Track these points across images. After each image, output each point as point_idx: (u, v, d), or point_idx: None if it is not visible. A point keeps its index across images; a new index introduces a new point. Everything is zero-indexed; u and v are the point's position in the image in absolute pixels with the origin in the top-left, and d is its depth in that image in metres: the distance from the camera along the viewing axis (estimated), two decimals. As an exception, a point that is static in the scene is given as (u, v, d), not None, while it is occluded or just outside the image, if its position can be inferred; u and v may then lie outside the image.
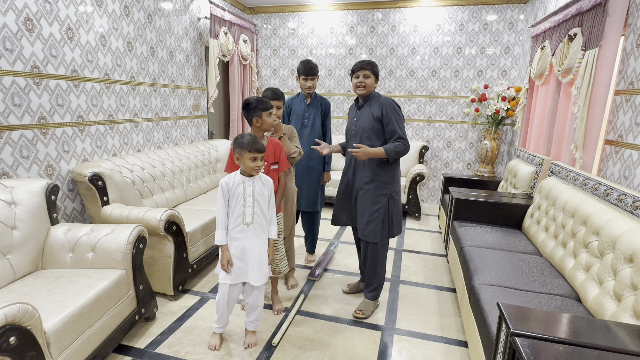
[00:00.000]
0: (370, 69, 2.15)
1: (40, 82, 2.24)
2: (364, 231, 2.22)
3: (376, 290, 2.33)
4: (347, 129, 2.34)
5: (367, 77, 2.16)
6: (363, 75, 2.16)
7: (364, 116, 2.19)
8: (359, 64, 2.16)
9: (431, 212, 4.63)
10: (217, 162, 3.92)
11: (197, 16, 3.87)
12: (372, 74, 2.16)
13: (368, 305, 2.32)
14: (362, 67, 2.15)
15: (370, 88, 2.18)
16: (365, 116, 2.19)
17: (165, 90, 3.43)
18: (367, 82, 2.16)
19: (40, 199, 1.99)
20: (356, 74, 2.18)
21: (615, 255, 1.61)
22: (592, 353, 1.08)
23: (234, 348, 1.99)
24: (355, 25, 4.76)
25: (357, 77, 2.17)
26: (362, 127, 2.19)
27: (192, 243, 2.59)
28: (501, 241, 2.46)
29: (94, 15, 2.58)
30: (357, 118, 2.24)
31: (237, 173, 1.86)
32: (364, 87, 2.17)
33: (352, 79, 2.21)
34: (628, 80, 2.19)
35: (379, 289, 2.34)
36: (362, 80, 2.16)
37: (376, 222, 2.19)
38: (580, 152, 2.49)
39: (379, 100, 2.17)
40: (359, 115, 2.24)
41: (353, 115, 2.31)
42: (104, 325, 1.77)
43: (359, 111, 2.24)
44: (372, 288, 2.32)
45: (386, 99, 2.18)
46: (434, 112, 4.75)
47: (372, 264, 2.27)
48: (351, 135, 2.28)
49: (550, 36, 3.15)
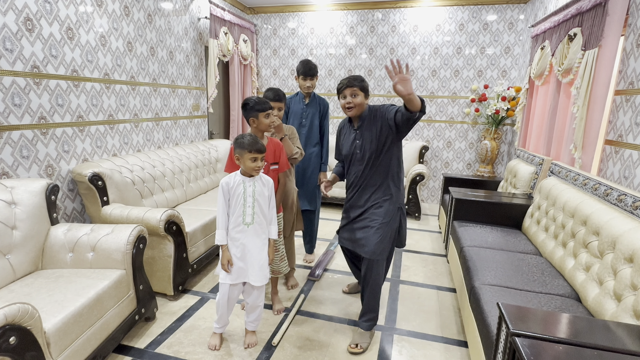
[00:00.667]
0: (359, 86, 1.89)
1: (40, 82, 2.24)
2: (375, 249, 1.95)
3: (373, 320, 2.08)
4: (348, 154, 2.04)
5: (355, 95, 1.89)
6: (350, 94, 1.89)
7: (367, 137, 1.93)
8: (344, 82, 1.90)
9: (431, 212, 4.63)
10: (217, 162, 3.92)
11: (197, 16, 3.87)
12: (360, 91, 1.89)
13: (364, 337, 2.04)
14: (349, 85, 1.88)
15: (361, 107, 1.92)
16: (368, 137, 1.93)
17: (165, 90, 3.43)
18: (356, 101, 1.89)
19: (40, 199, 1.98)
20: (342, 94, 1.91)
21: (615, 255, 1.61)
22: (592, 353, 1.08)
23: (234, 348, 1.99)
24: (355, 25, 4.76)
25: (344, 96, 1.91)
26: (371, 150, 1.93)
27: (192, 243, 2.59)
28: (501, 241, 2.46)
29: (94, 15, 2.58)
30: (361, 139, 1.96)
31: (238, 173, 1.86)
32: (353, 107, 1.90)
33: (340, 99, 1.94)
34: (628, 80, 2.19)
35: (375, 319, 2.09)
36: (350, 101, 1.89)
37: (388, 239, 1.99)
38: (579, 152, 2.49)
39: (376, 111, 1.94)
40: (361, 136, 1.97)
41: (351, 136, 2.02)
42: (104, 325, 1.77)
43: (359, 131, 1.98)
44: (369, 317, 2.06)
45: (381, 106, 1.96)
46: (434, 112, 4.75)
47: (374, 285, 2.03)
48: (356, 159, 2.01)
49: (550, 36, 3.15)
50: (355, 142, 2.00)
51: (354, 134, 2.01)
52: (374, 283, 2.02)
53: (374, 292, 2.04)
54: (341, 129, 2.14)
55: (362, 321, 2.09)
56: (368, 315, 2.07)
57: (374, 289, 2.03)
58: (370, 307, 2.06)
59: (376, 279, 2.02)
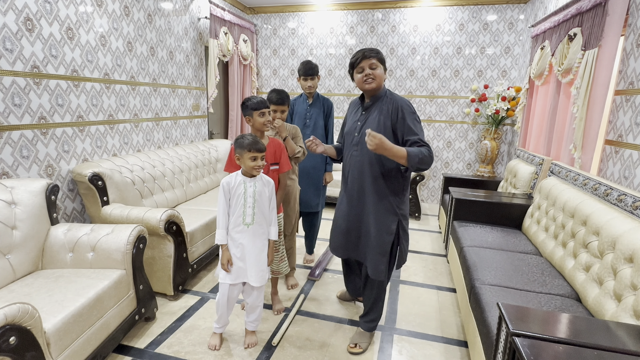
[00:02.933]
0: (376, 57, 1.71)
1: (40, 82, 2.24)
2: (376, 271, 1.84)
3: (374, 322, 2.03)
4: (347, 133, 1.90)
5: (373, 67, 1.71)
6: (369, 66, 1.71)
7: (373, 122, 1.76)
8: (359, 54, 1.72)
9: (431, 212, 4.63)
10: (217, 162, 3.92)
11: (197, 16, 3.87)
12: (379, 62, 1.72)
13: (364, 337, 2.00)
14: (366, 56, 1.70)
15: (381, 80, 1.73)
16: (373, 122, 1.75)
17: (165, 90, 3.43)
18: (377, 72, 1.71)
19: (40, 199, 1.98)
20: (359, 66, 1.73)
21: (615, 255, 1.61)
22: (592, 353, 1.08)
23: (234, 348, 1.99)
24: (355, 25, 4.76)
25: (361, 69, 1.73)
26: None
27: (192, 243, 2.59)
28: (501, 241, 2.46)
29: (94, 15, 2.58)
30: (363, 122, 1.80)
31: (239, 173, 1.87)
32: (373, 79, 1.72)
33: (355, 74, 1.76)
34: (628, 80, 2.19)
35: (378, 320, 2.04)
36: (370, 72, 1.71)
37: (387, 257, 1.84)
38: (579, 152, 2.49)
39: (394, 101, 1.73)
40: (364, 119, 1.80)
41: (356, 117, 1.87)
42: (104, 325, 1.77)
43: (365, 113, 1.81)
44: (371, 319, 2.01)
45: (403, 100, 1.74)
46: (434, 112, 4.75)
47: (377, 298, 1.97)
48: (352, 142, 1.85)
49: (550, 36, 3.15)
50: (357, 122, 1.84)
51: (360, 113, 1.85)
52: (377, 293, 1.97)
53: (378, 298, 1.98)
54: (351, 105, 1.99)
55: (363, 321, 2.05)
56: (371, 315, 2.02)
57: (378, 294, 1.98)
58: (373, 307, 2.00)
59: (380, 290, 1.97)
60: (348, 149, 1.90)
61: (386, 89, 1.80)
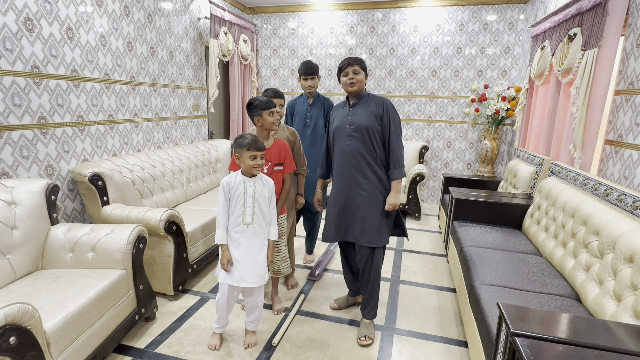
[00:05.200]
0: (359, 64, 2.06)
1: (40, 82, 2.24)
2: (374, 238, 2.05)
3: (375, 309, 2.17)
4: (337, 129, 2.13)
5: (356, 72, 2.04)
6: (352, 72, 2.04)
7: (361, 114, 2.05)
8: (345, 61, 2.07)
9: (431, 212, 4.63)
10: (217, 162, 3.92)
11: (197, 16, 3.87)
12: (361, 69, 2.06)
13: (370, 327, 2.15)
14: (350, 64, 2.05)
15: (361, 84, 2.07)
16: (362, 113, 2.05)
17: (165, 90, 3.43)
18: (358, 77, 2.05)
19: (40, 199, 1.98)
20: (345, 72, 2.07)
21: (615, 255, 1.61)
22: (592, 353, 1.08)
23: (234, 348, 1.99)
24: (355, 25, 4.76)
25: (346, 74, 2.06)
26: (360, 124, 2.02)
27: (192, 243, 2.59)
28: (501, 241, 2.46)
29: (94, 15, 2.58)
30: (352, 116, 2.08)
31: (239, 173, 1.87)
32: (354, 83, 2.05)
33: (341, 78, 2.09)
34: (628, 80, 2.19)
35: (377, 306, 2.18)
36: (353, 77, 2.04)
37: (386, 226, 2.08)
38: (578, 152, 2.49)
39: (376, 98, 2.08)
40: (353, 114, 2.08)
41: (344, 113, 2.13)
42: (104, 325, 1.77)
43: (353, 109, 2.09)
44: (372, 307, 2.16)
45: (385, 98, 2.08)
46: (434, 112, 4.75)
47: (375, 275, 2.12)
48: (345, 134, 2.09)
49: (550, 36, 3.15)
50: (346, 117, 2.11)
51: (348, 110, 2.12)
52: (374, 272, 2.11)
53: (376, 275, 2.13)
54: (336, 108, 2.24)
55: (366, 311, 2.16)
56: (371, 304, 2.15)
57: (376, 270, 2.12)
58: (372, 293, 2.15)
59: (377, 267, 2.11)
60: (339, 141, 2.12)
61: (367, 91, 2.14)
